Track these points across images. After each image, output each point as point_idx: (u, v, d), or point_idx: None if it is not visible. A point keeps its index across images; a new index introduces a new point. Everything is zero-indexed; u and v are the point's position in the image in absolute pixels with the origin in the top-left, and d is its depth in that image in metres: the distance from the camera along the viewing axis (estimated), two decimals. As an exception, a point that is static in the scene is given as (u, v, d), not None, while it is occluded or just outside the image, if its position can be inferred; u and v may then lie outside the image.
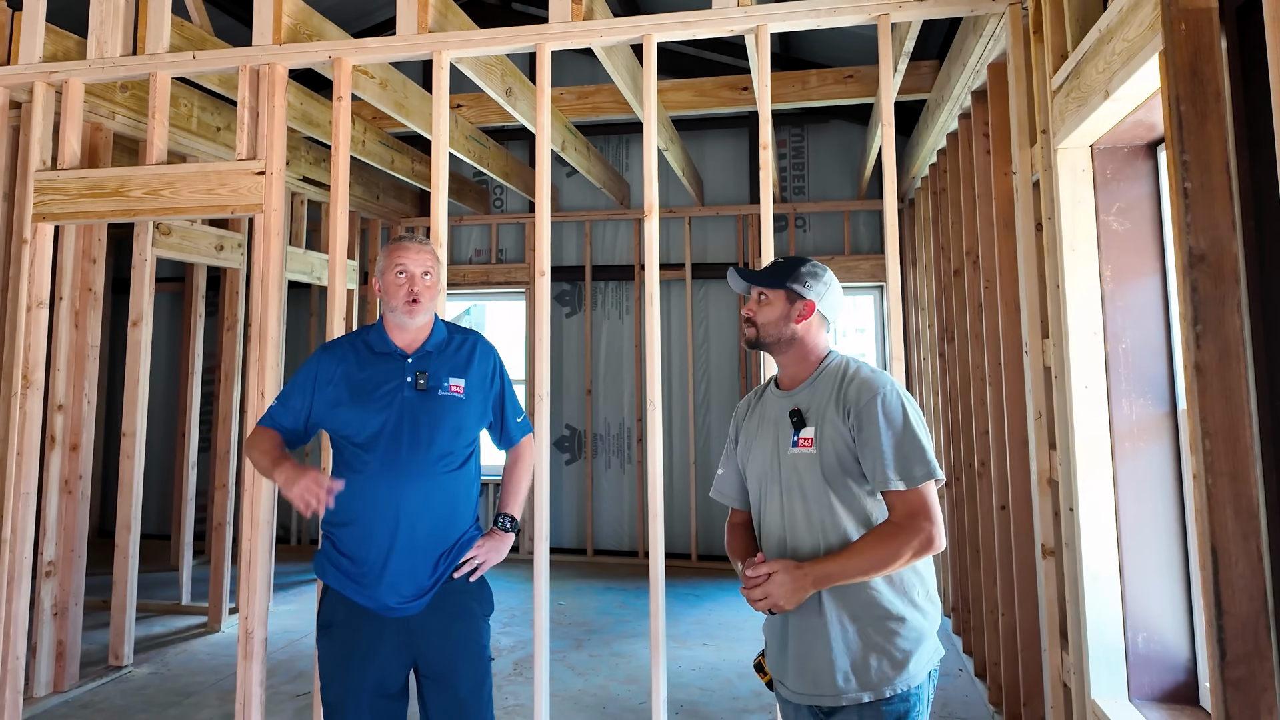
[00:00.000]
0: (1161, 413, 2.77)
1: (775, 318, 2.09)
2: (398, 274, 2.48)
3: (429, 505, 2.43)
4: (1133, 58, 2.09)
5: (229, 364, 5.71)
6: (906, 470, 1.89)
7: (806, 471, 1.98)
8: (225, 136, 4.95)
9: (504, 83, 4.29)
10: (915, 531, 1.86)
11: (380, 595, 2.39)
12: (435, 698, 2.44)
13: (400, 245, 2.53)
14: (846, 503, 1.95)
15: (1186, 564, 2.74)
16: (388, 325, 2.55)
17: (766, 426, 2.12)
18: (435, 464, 2.44)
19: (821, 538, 1.95)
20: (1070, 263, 2.82)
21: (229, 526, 5.64)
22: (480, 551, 2.53)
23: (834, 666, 1.91)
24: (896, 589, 1.93)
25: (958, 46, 4.28)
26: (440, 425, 2.46)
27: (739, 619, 5.89)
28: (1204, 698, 2.68)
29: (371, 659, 2.39)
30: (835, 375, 2.05)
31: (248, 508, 3.51)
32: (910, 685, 1.89)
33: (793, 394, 2.09)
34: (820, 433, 1.98)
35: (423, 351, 2.54)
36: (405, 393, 2.46)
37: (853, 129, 7.47)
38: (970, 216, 4.52)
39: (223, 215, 3.57)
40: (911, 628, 1.91)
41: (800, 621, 1.96)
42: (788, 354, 2.11)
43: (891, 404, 1.94)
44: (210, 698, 4.47)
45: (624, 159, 7.86)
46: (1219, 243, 1.76)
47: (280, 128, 3.52)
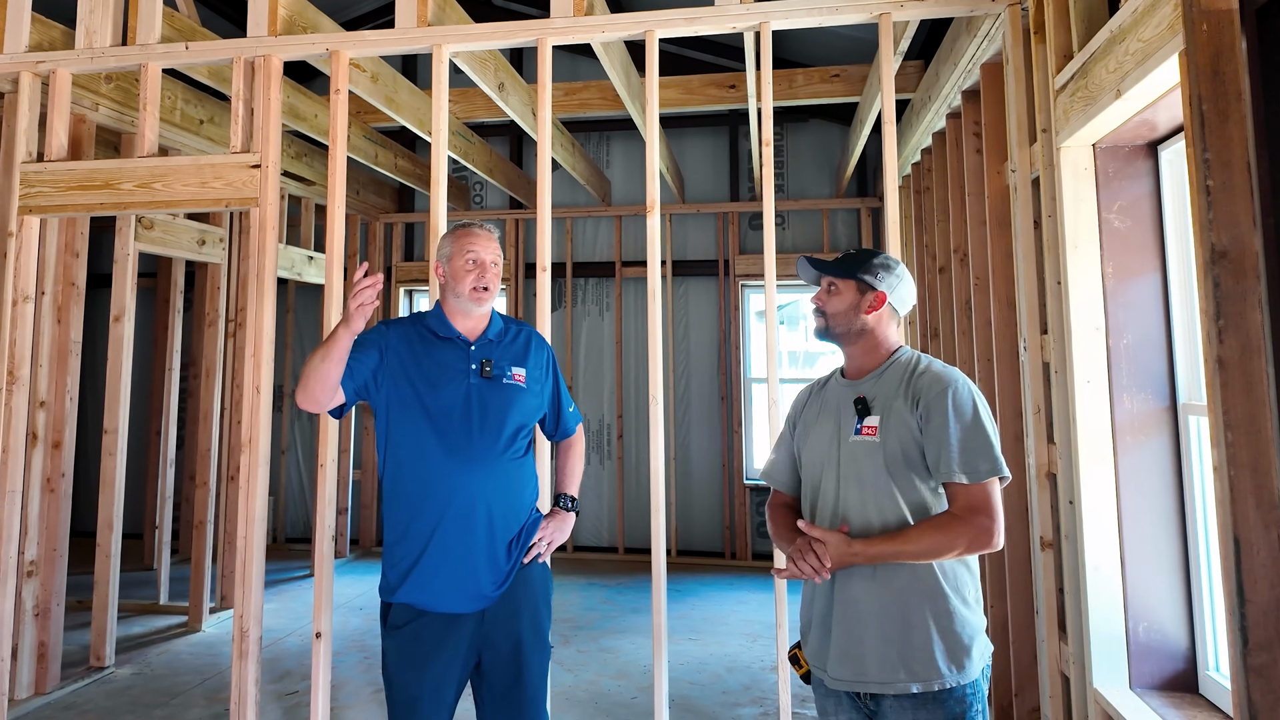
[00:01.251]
0: (1161, 407, 2.82)
1: (845, 308, 2.10)
2: (468, 261, 2.45)
3: (504, 493, 2.41)
4: (1148, 58, 2.13)
5: (210, 360, 5.63)
6: (972, 465, 1.90)
7: (866, 459, 1.98)
8: (209, 130, 4.88)
9: (497, 78, 4.28)
10: (973, 525, 1.87)
11: (457, 594, 2.35)
12: (501, 691, 2.41)
13: (470, 232, 2.49)
14: (905, 494, 1.96)
15: (1185, 555, 2.79)
16: (449, 311, 2.51)
17: (828, 413, 2.13)
18: (505, 451, 2.43)
19: (877, 521, 1.96)
20: (1073, 260, 2.87)
21: (210, 525, 5.56)
22: (546, 532, 2.53)
23: (882, 654, 1.91)
24: (950, 583, 1.93)
25: (948, 47, 4.33)
26: (508, 412, 2.44)
27: (722, 613, 5.93)
28: (1202, 685, 2.74)
29: (450, 657, 2.35)
30: (905, 368, 2.06)
31: (243, 503, 3.47)
32: (965, 681, 1.89)
33: (858, 383, 2.10)
34: (885, 423, 1.98)
35: (485, 339, 2.51)
36: (472, 379, 2.43)
37: (831, 128, 7.53)
38: (959, 215, 4.57)
39: (216, 209, 3.53)
40: (964, 621, 1.92)
41: (848, 608, 1.97)
42: (856, 345, 2.12)
43: (963, 398, 1.95)
44: (197, 698, 4.41)
45: (605, 155, 7.86)
46: (1240, 239, 1.79)
47: (275, 121, 3.48)
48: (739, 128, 7.66)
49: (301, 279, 6.31)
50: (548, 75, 3.38)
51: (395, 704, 2.36)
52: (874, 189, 7.43)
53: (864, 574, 1.95)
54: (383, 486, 2.47)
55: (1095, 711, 2.80)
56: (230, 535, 5.73)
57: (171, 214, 4.98)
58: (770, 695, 4.47)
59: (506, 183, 7.00)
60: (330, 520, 3.42)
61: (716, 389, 7.45)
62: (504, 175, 6.94)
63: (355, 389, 2.40)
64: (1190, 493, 2.77)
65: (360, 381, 2.40)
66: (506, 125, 7.90)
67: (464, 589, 2.35)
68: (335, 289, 3.47)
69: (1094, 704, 2.80)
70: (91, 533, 6.82)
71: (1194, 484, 2.76)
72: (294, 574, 6.92)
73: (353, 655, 5.00)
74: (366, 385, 2.42)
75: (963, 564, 1.97)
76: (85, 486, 6.29)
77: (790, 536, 2.09)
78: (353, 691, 4.47)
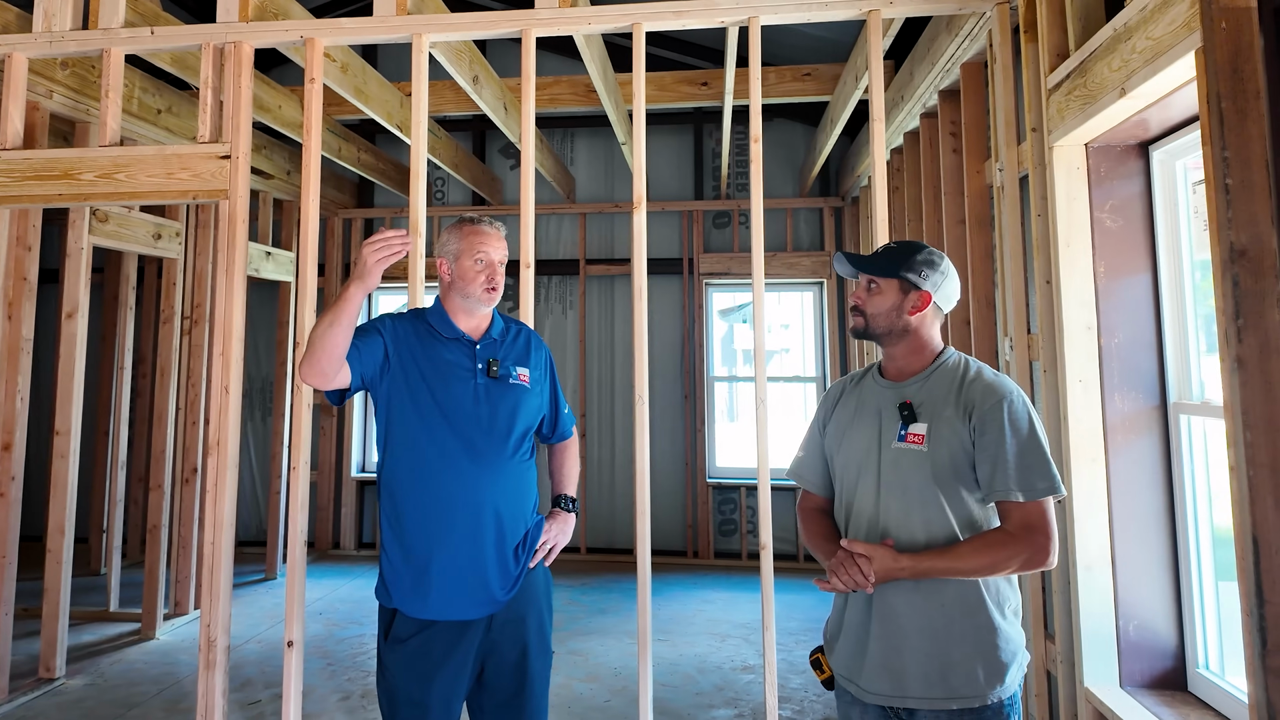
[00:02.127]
0: (1152, 406, 2.83)
1: (887, 308, 2.00)
2: (477, 261, 2.36)
3: (512, 495, 2.33)
4: (1159, 55, 2.12)
5: (165, 359, 5.44)
6: (1028, 482, 1.82)
7: (912, 468, 1.91)
8: (167, 120, 4.71)
9: (471, 70, 4.18)
10: (1029, 545, 1.81)
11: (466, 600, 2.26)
12: (504, 699, 2.33)
13: (479, 230, 2.40)
14: (954, 507, 1.89)
15: (1175, 554, 2.81)
16: (452, 310, 2.42)
17: (866, 415, 2.04)
18: (514, 453, 2.35)
19: (922, 534, 1.89)
20: (1065, 259, 2.87)
21: (164, 529, 5.38)
22: (550, 535, 2.45)
23: (923, 669, 1.86)
24: (992, 597, 1.88)
25: (925, 47, 4.33)
26: (517, 413, 2.37)
27: (688, 613, 5.89)
28: (1191, 683, 2.76)
29: (458, 666, 2.27)
30: (954, 373, 1.98)
31: (210, 507, 3.35)
32: (1005, 696, 1.84)
33: (901, 386, 2.02)
34: (934, 431, 1.90)
35: (489, 339, 2.43)
36: (479, 379, 2.35)
37: (795, 128, 7.54)
38: (934, 214, 4.58)
39: (183, 201, 3.38)
40: (1007, 638, 1.87)
41: (887, 621, 1.90)
42: (899, 346, 2.03)
43: (1018, 411, 1.87)
44: (155, 709, 4.25)
45: (569, 152, 7.79)
46: (1259, 238, 1.79)
47: (246, 110, 3.35)
48: (704, 126, 7.64)
49: (259, 275, 6.13)
50: (531, 68, 3.30)
51: (399, 717, 2.27)
52: (837, 189, 7.45)
53: (906, 586, 1.88)
54: (382, 486, 2.37)
55: (1087, 710, 2.80)
56: (184, 539, 5.55)
57: (126, 207, 4.80)
58: (744, 696, 4.44)
59: (471, 178, 6.88)
60: (303, 525, 3.31)
61: (680, 387, 7.41)
62: (469, 171, 6.83)
63: (363, 374, 2.29)
64: (1180, 492, 2.79)
65: (369, 368, 2.30)
66: (470, 120, 7.79)
67: (473, 595, 2.27)
68: (310, 286, 3.35)
69: (1085, 703, 2.81)
70: (37, 537, 6.59)
71: (1184, 483, 2.77)
72: (247, 578, 6.73)
73: (316, 661, 4.87)
74: (374, 373, 2.32)
75: (1005, 578, 1.91)
76: (31, 489, 6.04)
77: (826, 545, 2.02)
78: (319, 699, 4.35)
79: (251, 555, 7.35)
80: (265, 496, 7.57)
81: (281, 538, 6.83)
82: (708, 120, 7.64)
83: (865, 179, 6.35)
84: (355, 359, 2.25)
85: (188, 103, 4.93)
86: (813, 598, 6.18)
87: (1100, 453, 2.83)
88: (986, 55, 3.53)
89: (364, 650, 5.08)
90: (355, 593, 6.36)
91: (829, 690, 2.08)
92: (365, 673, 4.72)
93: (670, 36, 6.99)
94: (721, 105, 5.84)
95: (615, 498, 7.38)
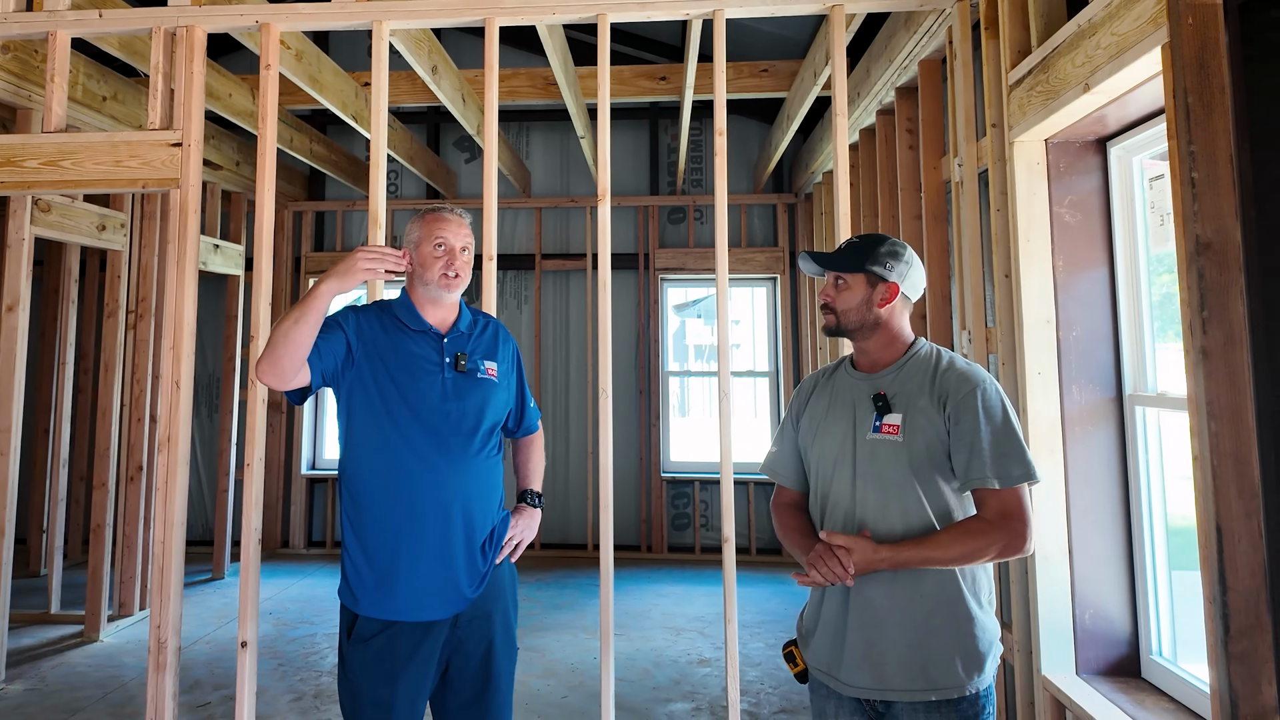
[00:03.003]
0: (1108, 398, 2.88)
1: (856, 303, 2.01)
2: (436, 246, 2.32)
3: (480, 491, 2.29)
4: (1124, 51, 2.15)
5: (109, 354, 5.28)
6: (1004, 469, 1.84)
7: (888, 459, 1.91)
8: (112, 107, 4.57)
9: (430, 60, 4.11)
10: (1006, 532, 1.82)
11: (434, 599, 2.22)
12: (469, 698, 2.29)
13: (439, 216, 2.36)
14: (930, 497, 1.90)
15: (1129, 544, 2.86)
16: (417, 301, 2.37)
17: (840, 408, 2.04)
18: (481, 448, 2.31)
19: (900, 524, 1.89)
20: (1025, 253, 2.90)
21: (109, 528, 5.23)
22: (516, 530, 2.42)
23: (903, 661, 1.86)
24: (969, 587, 1.89)
25: (882, 43, 4.36)
26: (485, 408, 2.33)
27: (643, 607, 5.90)
28: (1145, 670, 2.81)
29: (423, 665, 2.23)
30: (927, 363, 1.99)
31: (161, 506, 3.25)
32: (981, 687, 1.86)
33: (875, 378, 2.02)
34: (910, 422, 1.91)
35: (457, 331, 2.39)
36: (447, 374, 2.31)
37: (748, 124, 7.56)
38: (889, 210, 4.62)
39: (133, 190, 3.28)
40: (983, 628, 1.88)
41: (865, 612, 1.90)
42: (871, 339, 2.03)
43: (992, 399, 1.89)
44: (99, 714, 4.14)
45: (525, 146, 7.73)
46: (1224, 231, 1.82)
47: (199, 96, 3.26)
48: (659, 122, 7.64)
49: (207, 268, 5.98)
50: (494, 57, 3.25)
51: (362, 718, 2.22)
52: (790, 185, 7.50)
53: (883, 578, 1.88)
54: (344, 484, 2.31)
55: (1044, 698, 2.85)
56: (130, 539, 5.41)
57: (70, 196, 4.65)
58: (701, 690, 4.44)
59: (426, 171, 6.79)
60: (256, 524, 3.22)
61: (635, 382, 7.41)
62: (424, 164, 6.74)
63: (324, 372, 2.23)
64: (1135, 482, 2.84)
65: (330, 365, 2.24)
66: (424, 113, 7.69)
67: (441, 593, 2.22)
68: (265, 279, 3.27)
69: (1042, 690, 2.85)
70: (-28, 538, 6.38)
71: (1139, 473, 2.82)
72: (193, 578, 6.59)
73: (266, 662, 4.78)
74: (335, 370, 2.26)
75: (980, 567, 1.92)
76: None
77: (802, 540, 2.01)
78: (270, 700, 4.27)
79: (197, 555, 7.19)
80: (212, 495, 7.41)
81: (230, 537, 6.69)
82: (664, 116, 7.64)
83: (819, 175, 6.39)
84: (315, 358, 2.20)
85: (134, 90, 4.79)
86: (765, 590, 6.22)
87: (1059, 444, 2.87)
88: (946, 52, 3.57)
89: (315, 650, 5.00)
90: (305, 592, 6.25)
91: (802, 683, 2.07)
92: (317, 673, 4.65)
93: (629, 32, 6.97)
94: (678, 100, 5.84)
95: (570, 493, 7.35)
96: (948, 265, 3.90)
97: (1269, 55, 1.80)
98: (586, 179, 7.65)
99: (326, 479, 7.47)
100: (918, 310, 4.12)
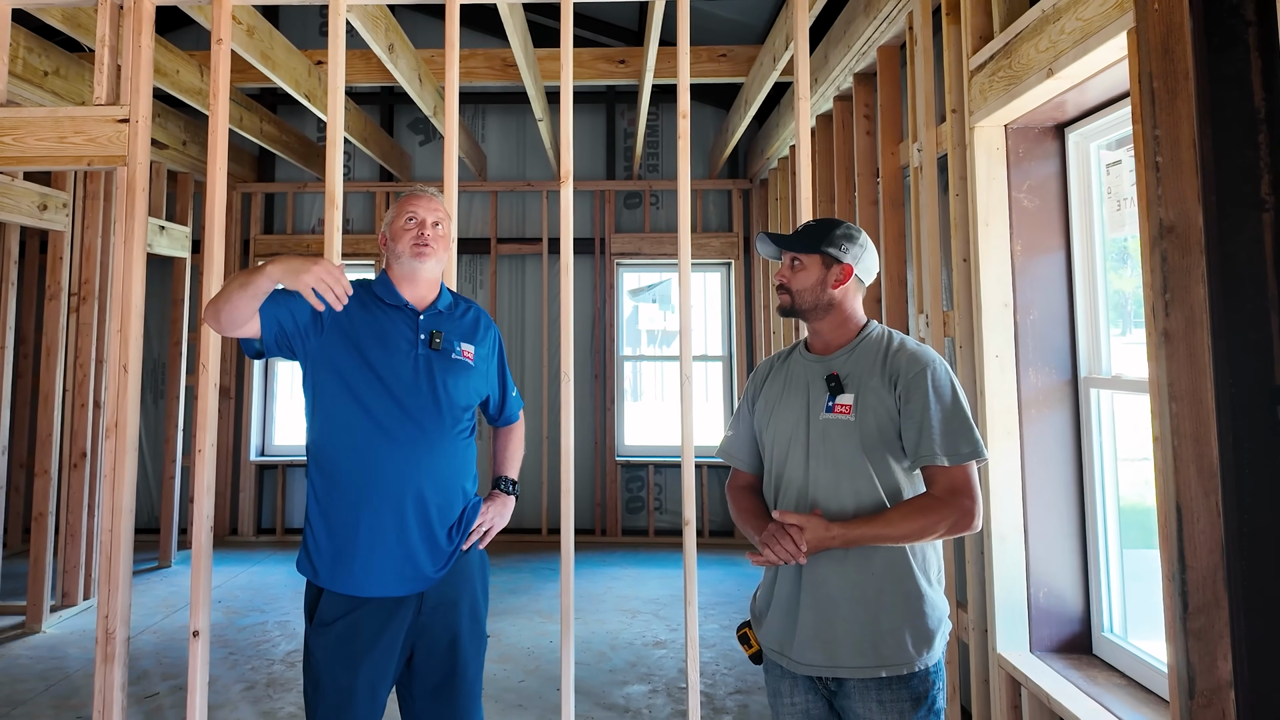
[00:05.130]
0: (1063, 381, 2.93)
1: (811, 284, 2.03)
2: (407, 220, 2.31)
3: (448, 473, 2.26)
4: (1089, 36, 2.18)
5: (51, 338, 5.12)
6: (953, 447, 1.87)
7: (840, 438, 1.93)
8: (54, 83, 4.41)
9: (388, 38, 4.03)
10: (955, 508, 1.85)
11: (393, 576, 2.18)
12: (433, 686, 2.25)
13: (412, 194, 2.37)
14: (880, 473, 1.92)
15: (1083, 524, 2.91)
16: (395, 278, 2.34)
17: (794, 390, 2.06)
18: (451, 429, 2.28)
19: (851, 502, 1.91)
20: (984, 237, 2.93)
21: (51, 517, 5.09)
22: (487, 517, 2.39)
23: (854, 638, 1.88)
24: (919, 564, 1.92)
25: (840, 29, 4.37)
26: (457, 389, 2.30)
27: (598, 590, 5.91)
28: (1096, 646, 2.87)
29: (386, 650, 2.19)
30: (879, 344, 2.01)
31: (109, 493, 3.15)
32: (931, 663, 1.88)
33: (828, 359, 2.04)
34: (861, 401, 1.94)
35: (434, 310, 2.36)
36: (420, 350, 2.28)
37: (705, 109, 7.56)
38: (845, 196, 4.65)
39: (78, 167, 3.17)
40: (933, 604, 1.91)
41: (817, 591, 1.92)
42: (824, 320, 2.05)
43: (941, 378, 1.92)
44: (43, 706, 4.03)
45: (481, 129, 7.64)
46: (1186, 215, 1.85)
47: (147, 71, 3.16)
48: (616, 106, 7.60)
49: (153, 250, 5.82)
50: (455, 35, 3.18)
51: (323, 704, 2.17)
52: (745, 171, 7.52)
53: (834, 556, 1.90)
54: (310, 457, 2.27)
55: (999, 676, 2.89)
56: (73, 527, 5.27)
57: (9, 174, 4.49)
58: (656, 672, 4.46)
59: (380, 153, 6.68)
60: (209, 511, 3.14)
61: (590, 366, 7.39)
62: (377, 145, 6.62)
63: (280, 326, 2.19)
64: (1088, 463, 2.89)
65: (288, 322, 2.20)
66: (378, 93, 7.56)
67: (399, 570, 2.19)
68: (216, 260, 3.18)
69: (997, 668, 2.90)
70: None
71: (1092, 455, 2.88)
72: (138, 566, 6.43)
73: (217, 650, 4.69)
74: (294, 335, 2.21)
75: (930, 544, 1.95)
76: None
77: (756, 521, 2.03)
78: (221, 689, 4.20)
79: (142, 543, 7.00)
80: (158, 483, 7.24)
81: (176, 524, 6.56)
82: (620, 100, 7.60)
83: (774, 161, 6.41)
84: (271, 310, 2.17)
85: (77, 65, 4.63)
86: (719, 572, 6.26)
87: (1015, 426, 2.92)
88: (906, 38, 3.58)
89: (266, 638, 4.92)
90: (255, 580, 6.15)
91: (757, 664, 2.09)
92: (269, 661, 4.58)
93: (587, 15, 6.92)
94: (636, 84, 5.80)
95: (524, 478, 7.30)
96: (904, 250, 3.93)
97: (1230, 42, 1.83)
98: (542, 163, 7.58)
99: (276, 465, 7.34)
100: (873, 294, 4.15)
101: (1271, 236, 1.76)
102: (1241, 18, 1.79)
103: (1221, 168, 1.85)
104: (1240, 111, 1.77)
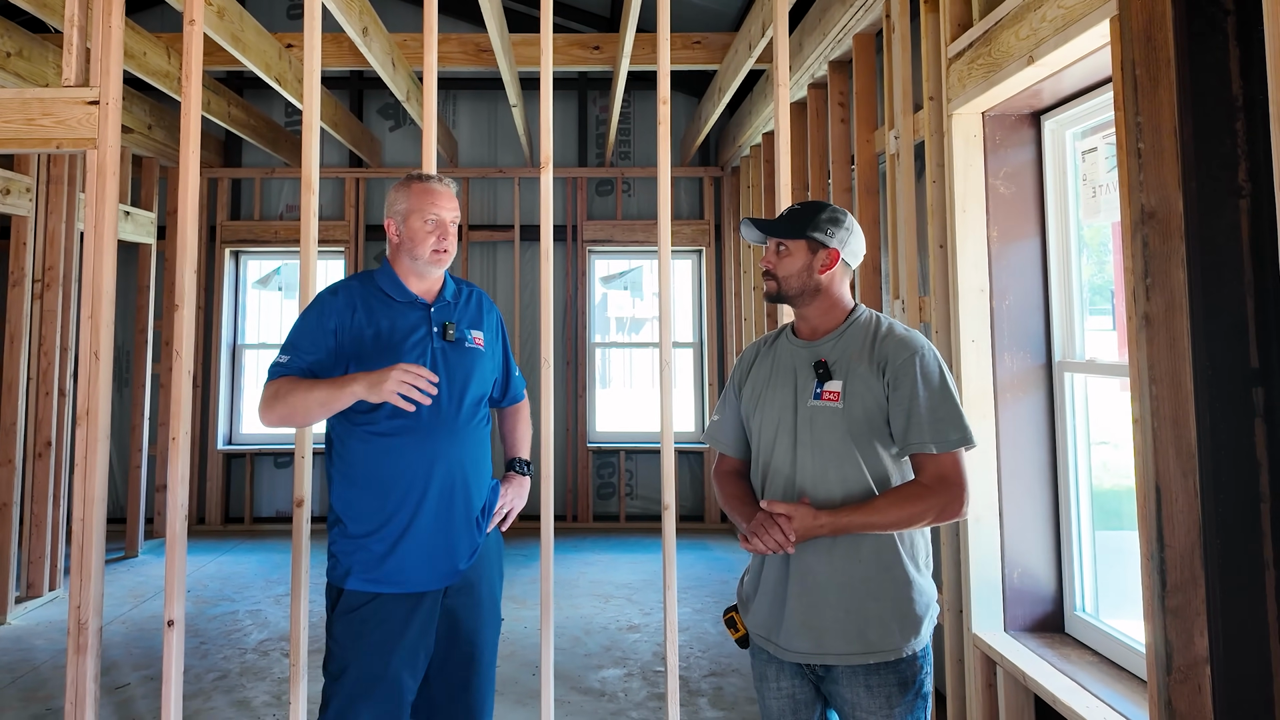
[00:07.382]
0: (1038, 365, 2.97)
1: (798, 269, 2.00)
2: (428, 221, 2.25)
3: (474, 462, 2.27)
4: (1071, 24, 2.20)
5: (14, 325, 5.02)
6: (942, 434, 1.85)
7: (828, 425, 1.91)
8: (18, 64, 4.31)
9: (361, 21, 3.99)
10: (943, 495, 1.84)
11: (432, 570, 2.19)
12: (452, 667, 2.26)
13: (429, 189, 2.28)
14: (868, 461, 1.90)
15: (1056, 505, 2.96)
16: (403, 272, 2.31)
17: (781, 375, 2.03)
18: (473, 418, 2.28)
19: (839, 490, 1.90)
20: (961, 223, 2.96)
21: (15, 507, 5.00)
22: (507, 499, 2.41)
23: (841, 625, 1.87)
24: (907, 551, 1.91)
25: (815, 17, 4.39)
26: (472, 378, 2.29)
27: (570, 575, 5.93)
28: (1068, 625, 2.93)
29: (421, 632, 2.19)
30: (866, 330, 1.99)
31: (79, 482, 3.10)
32: (919, 648, 1.89)
33: (816, 345, 2.02)
34: (849, 387, 1.91)
35: (443, 301, 2.34)
36: (434, 343, 2.26)
37: (677, 97, 7.56)
38: (819, 183, 4.68)
39: (46, 150, 3.10)
40: (921, 591, 1.91)
41: (805, 579, 1.91)
42: (811, 305, 2.02)
43: (929, 364, 1.91)
44: (10, 699, 3.97)
45: (452, 114, 7.58)
46: (1167, 200, 1.88)
47: (117, 52, 3.09)
48: (588, 92, 7.58)
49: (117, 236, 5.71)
50: (434, 19, 3.15)
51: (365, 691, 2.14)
52: (716, 159, 7.54)
53: (822, 544, 1.89)
54: (336, 457, 2.26)
55: (974, 655, 2.94)
56: (39, 517, 5.18)
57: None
58: (631, 655, 4.48)
59: (350, 139, 6.60)
60: (183, 499, 3.11)
61: (562, 353, 7.39)
62: (348, 131, 6.55)
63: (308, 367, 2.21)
64: (1062, 446, 2.94)
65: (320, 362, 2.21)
66: (347, 78, 7.48)
67: (437, 567, 2.20)
68: (189, 246, 3.13)
69: (973, 648, 2.94)
70: None
71: (1066, 437, 2.93)
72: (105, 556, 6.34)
73: (188, 640, 4.65)
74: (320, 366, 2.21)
75: (919, 530, 1.95)
76: None
77: (743, 508, 2.01)
78: (194, 678, 4.16)
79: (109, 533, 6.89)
80: (124, 472, 7.13)
81: (143, 514, 6.47)
82: (593, 87, 7.58)
83: (746, 149, 6.43)
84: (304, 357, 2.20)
85: (40, 47, 4.53)
86: (689, 556, 6.30)
87: (991, 410, 2.96)
88: (882, 25, 3.60)
89: (238, 628, 4.89)
90: (224, 569, 6.09)
91: (743, 649, 2.08)
92: (241, 650, 4.54)
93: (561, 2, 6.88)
94: (610, 71, 5.79)
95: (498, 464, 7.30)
96: (879, 237, 3.96)
97: (1210, 30, 1.86)
98: (513, 150, 7.54)
99: (244, 454, 7.26)
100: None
101: (1248, 222, 1.80)
102: (1221, 6, 1.83)
103: (1201, 154, 1.89)
104: (1219, 99, 1.81)
